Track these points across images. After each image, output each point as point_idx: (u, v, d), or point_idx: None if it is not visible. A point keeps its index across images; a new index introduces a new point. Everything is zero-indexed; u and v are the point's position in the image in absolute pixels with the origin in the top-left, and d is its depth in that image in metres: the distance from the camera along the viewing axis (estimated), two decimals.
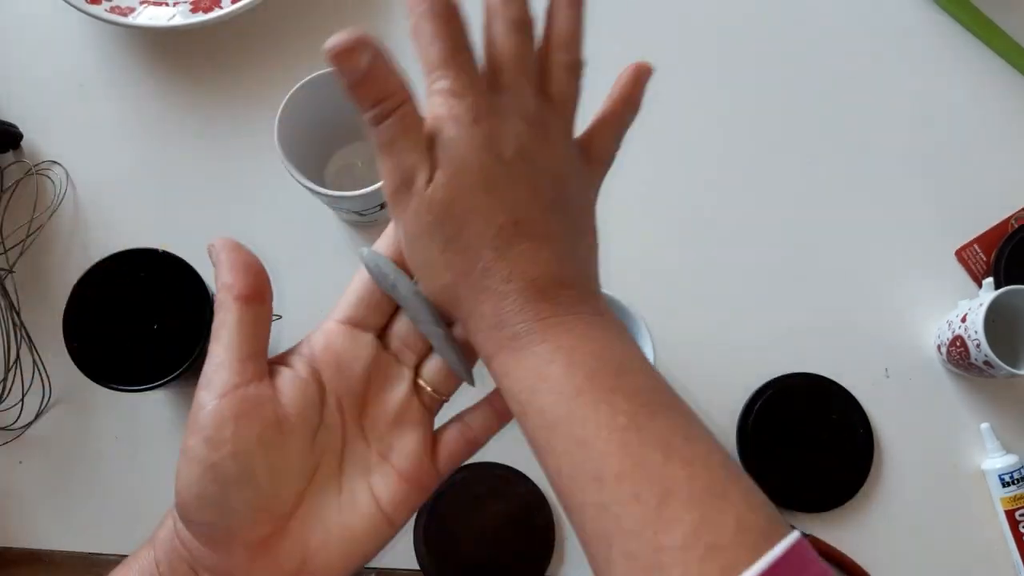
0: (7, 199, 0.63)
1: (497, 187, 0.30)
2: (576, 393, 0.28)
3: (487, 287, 0.30)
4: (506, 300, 0.30)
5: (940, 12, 0.68)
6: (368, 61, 0.29)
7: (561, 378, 0.28)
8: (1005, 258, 0.61)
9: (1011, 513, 0.58)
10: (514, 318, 0.30)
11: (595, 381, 0.28)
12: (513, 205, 0.30)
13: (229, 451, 0.29)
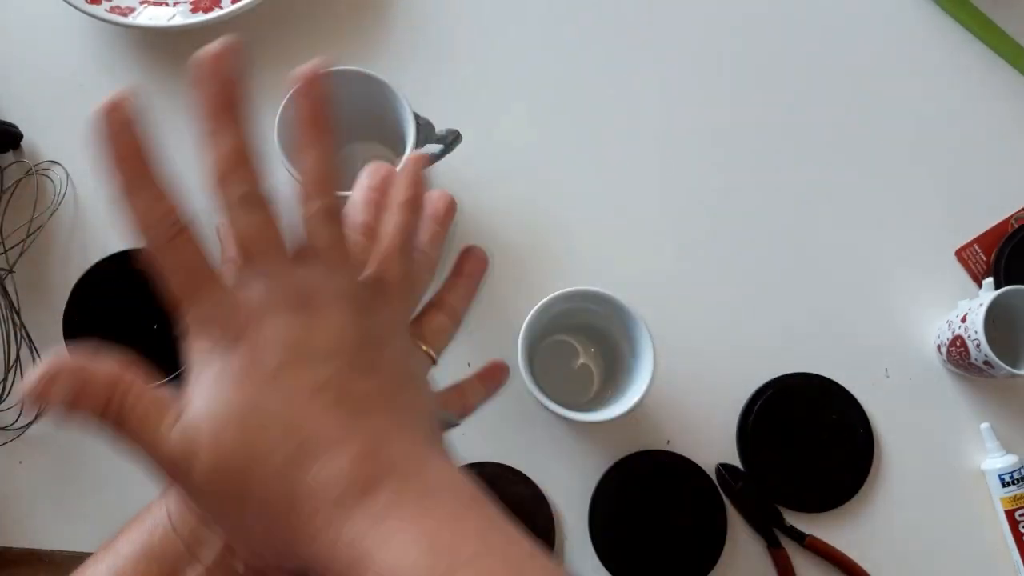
0: (7, 199, 0.63)
1: (269, 410, 0.26)
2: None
3: (288, 499, 0.26)
4: (321, 533, 0.26)
5: (940, 12, 0.68)
6: (69, 380, 0.27)
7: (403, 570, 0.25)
8: (1005, 258, 0.61)
9: (1011, 513, 0.58)
10: (335, 550, 0.26)
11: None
12: (291, 427, 0.26)
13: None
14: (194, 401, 0.27)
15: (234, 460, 0.26)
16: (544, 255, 0.62)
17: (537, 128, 0.65)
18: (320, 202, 0.30)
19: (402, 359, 0.32)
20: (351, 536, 0.25)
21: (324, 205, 0.30)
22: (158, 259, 0.28)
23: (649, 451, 0.58)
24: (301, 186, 0.30)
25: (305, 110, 0.30)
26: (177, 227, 0.28)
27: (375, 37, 0.67)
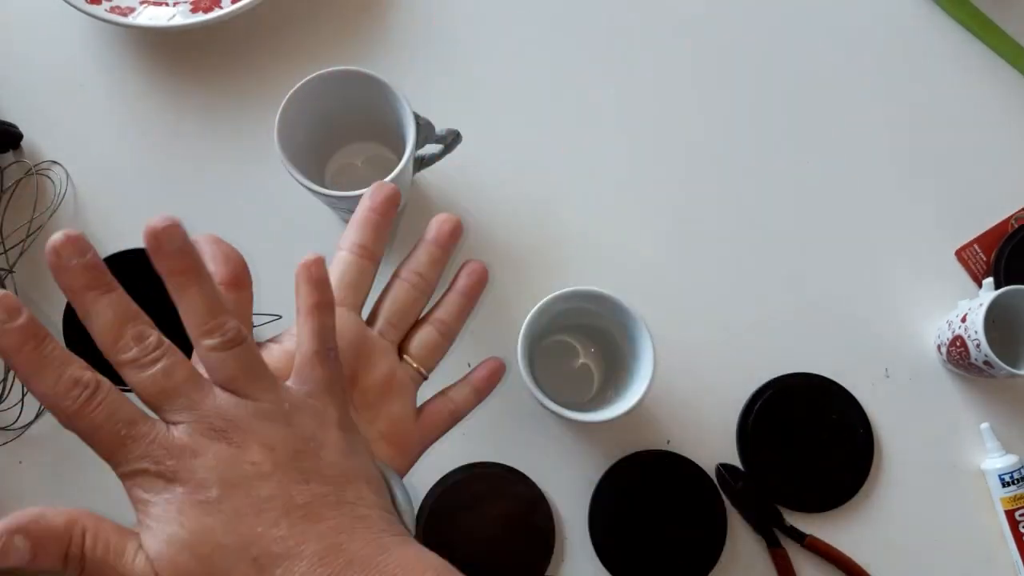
0: (7, 199, 0.63)
1: (214, 544, 0.28)
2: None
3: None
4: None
5: (940, 12, 0.68)
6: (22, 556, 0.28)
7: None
8: (1005, 258, 0.61)
9: (1011, 513, 0.58)
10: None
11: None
12: (240, 549, 0.28)
13: None
14: (148, 535, 0.28)
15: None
16: (544, 255, 0.62)
17: (537, 128, 0.65)
18: (212, 340, 0.30)
19: (342, 455, 0.31)
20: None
21: (218, 341, 0.30)
22: (75, 429, 0.29)
23: (649, 451, 0.58)
24: (189, 329, 0.30)
25: (161, 266, 0.30)
26: (86, 393, 0.28)
27: (375, 37, 0.67)
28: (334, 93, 0.54)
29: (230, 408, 0.29)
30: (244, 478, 0.28)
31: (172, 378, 0.29)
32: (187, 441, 0.29)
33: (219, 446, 0.29)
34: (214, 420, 0.29)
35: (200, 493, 0.28)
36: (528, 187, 0.64)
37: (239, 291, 0.33)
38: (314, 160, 0.59)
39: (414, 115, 0.52)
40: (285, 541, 0.28)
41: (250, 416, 0.30)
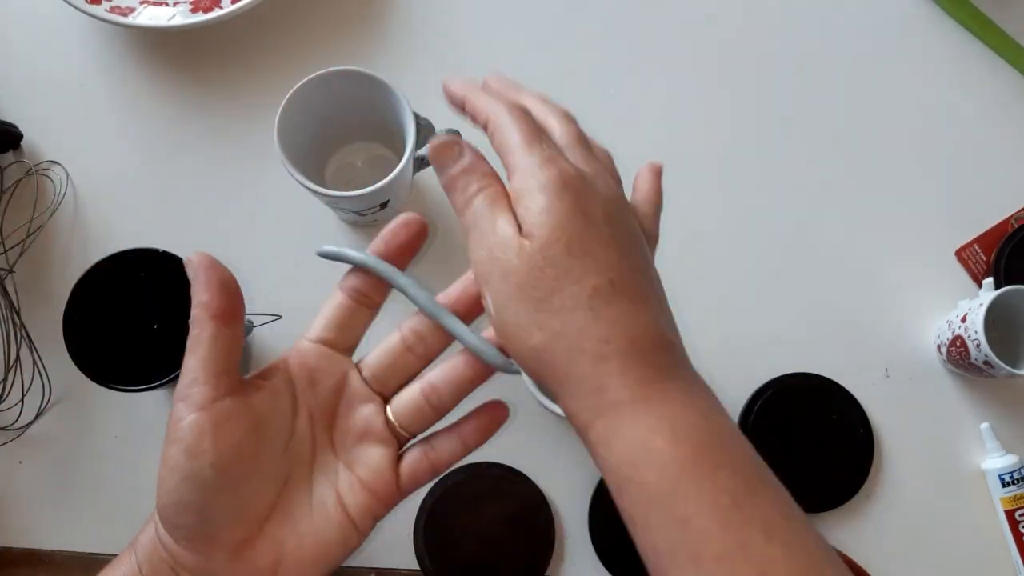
0: (7, 199, 0.63)
1: (590, 249, 0.30)
2: (681, 470, 0.28)
3: (584, 348, 0.29)
4: (606, 362, 0.29)
5: (940, 11, 0.68)
6: (467, 154, 0.33)
7: (666, 452, 0.28)
8: (1005, 258, 0.61)
9: (1011, 513, 0.58)
10: (615, 381, 0.29)
11: (700, 456, 0.28)
12: (607, 265, 0.30)
13: (208, 460, 0.30)
14: (533, 206, 0.31)
15: (552, 263, 0.30)
16: None
17: None
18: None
19: (658, 277, 0.35)
20: (636, 376, 0.29)
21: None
22: (509, 115, 0.34)
23: None
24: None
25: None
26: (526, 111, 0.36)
27: (375, 37, 0.67)
28: (334, 93, 0.54)
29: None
30: (622, 223, 0.32)
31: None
32: (587, 171, 0.33)
33: (611, 191, 0.33)
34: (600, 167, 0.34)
35: (589, 208, 0.31)
36: None
37: (232, 325, 0.32)
38: (314, 160, 0.59)
39: (414, 115, 0.52)
40: (639, 287, 0.31)
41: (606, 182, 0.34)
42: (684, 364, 0.31)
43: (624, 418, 0.29)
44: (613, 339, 0.29)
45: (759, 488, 0.29)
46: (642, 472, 0.28)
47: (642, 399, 0.29)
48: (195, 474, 0.30)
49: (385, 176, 0.51)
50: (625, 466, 0.29)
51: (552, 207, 0.30)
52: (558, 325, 0.29)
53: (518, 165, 0.32)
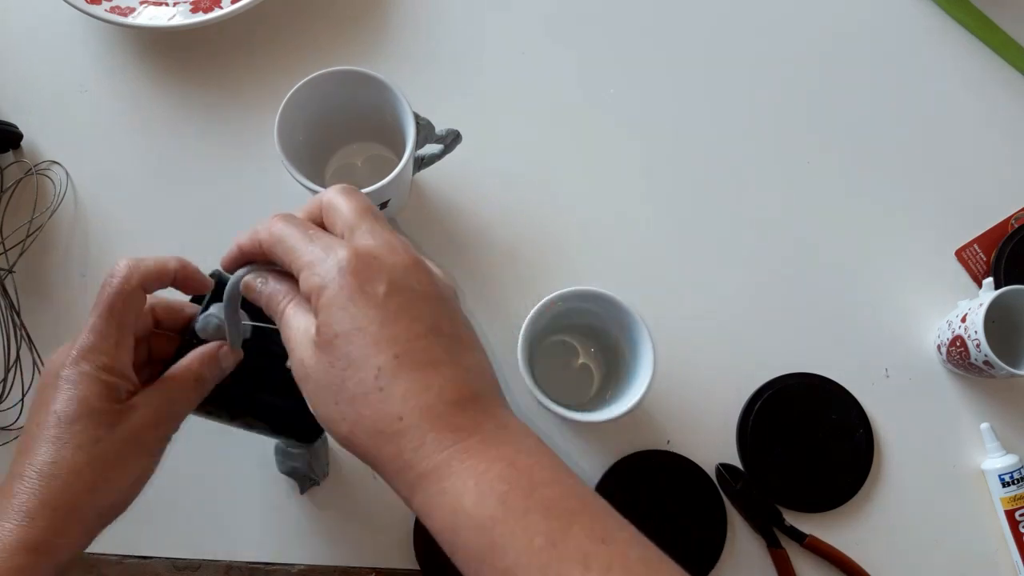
0: (7, 199, 0.63)
1: (370, 332, 0.30)
2: (493, 524, 0.28)
3: (382, 430, 0.30)
4: (403, 438, 0.30)
5: (940, 11, 0.68)
6: (268, 280, 0.35)
7: (475, 510, 0.29)
8: (1005, 258, 0.61)
9: (1011, 513, 0.58)
10: (416, 455, 0.30)
11: (508, 505, 0.29)
12: (389, 342, 0.30)
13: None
14: (320, 303, 0.32)
15: (336, 353, 0.31)
16: (544, 255, 0.62)
17: (537, 128, 0.65)
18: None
19: (466, 323, 0.35)
20: (434, 445, 0.30)
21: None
22: (279, 221, 0.35)
23: (649, 451, 0.58)
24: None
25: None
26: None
27: (375, 37, 0.67)
28: (334, 93, 0.54)
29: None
30: (410, 289, 0.32)
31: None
32: (372, 246, 0.32)
33: (397, 258, 0.32)
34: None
35: (369, 287, 0.31)
36: (528, 187, 0.64)
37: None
38: (314, 160, 0.59)
39: (414, 115, 0.52)
40: (428, 352, 0.31)
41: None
42: (492, 411, 0.32)
43: (432, 488, 0.30)
44: (405, 414, 0.30)
45: (574, 519, 0.29)
46: (462, 536, 0.29)
47: (444, 464, 0.29)
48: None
49: (385, 176, 0.51)
50: (447, 532, 0.30)
51: (333, 300, 0.31)
52: (354, 414, 0.30)
53: (300, 266, 0.33)
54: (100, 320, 0.37)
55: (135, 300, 0.38)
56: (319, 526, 0.58)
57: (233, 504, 0.58)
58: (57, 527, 0.36)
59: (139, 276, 0.38)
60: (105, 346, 0.37)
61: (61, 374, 0.37)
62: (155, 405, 0.39)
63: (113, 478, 0.37)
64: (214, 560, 0.58)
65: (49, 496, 0.35)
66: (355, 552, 0.58)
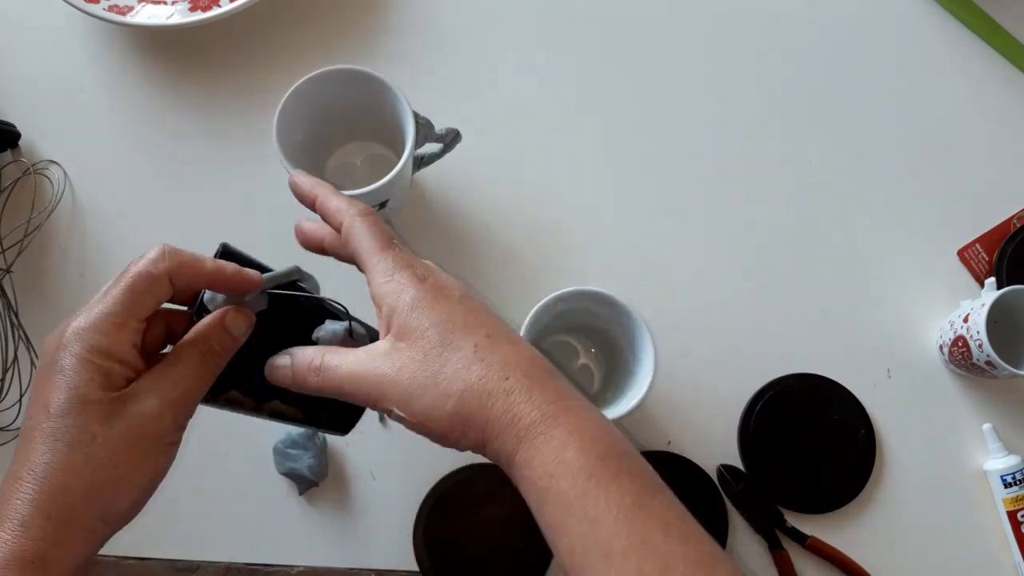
0: (5, 199, 0.63)
1: (459, 320, 0.35)
2: (590, 475, 0.31)
3: (490, 391, 0.33)
4: (512, 394, 0.33)
5: (941, 10, 0.67)
6: (289, 360, 0.37)
7: (576, 462, 0.32)
8: (1007, 258, 0.61)
9: (1013, 514, 0.58)
10: (525, 407, 0.33)
11: (606, 463, 0.32)
12: (478, 325, 0.35)
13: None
14: (400, 306, 0.35)
15: (434, 347, 0.34)
16: (544, 255, 0.62)
17: (537, 128, 0.65)
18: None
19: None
20: (541, 397, 0.33)
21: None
22: (363, 221, 0.38)
23: (649, 451, 0.58)
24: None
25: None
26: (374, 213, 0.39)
27: (375, 37, 0.67)
28: (334, 92, 0.54)
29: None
30: (473, 298, 0.37)
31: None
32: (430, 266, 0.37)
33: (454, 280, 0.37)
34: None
35: (445, 292, 0.36)
36: (528, 187, 0.63)
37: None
38: (313, 159, 0.59)
39: (414, 114, 0.52)
40: (510, 333, 0.36)
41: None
42: (572, 386, 0.35)
43: (539, 437, 0.32)
44: (510, 373, 0.33)
45: (655, 491, 0.32)
46: (558, 482, 0.32)
47: (551, 415, 0.33)
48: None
49: (384, 175, 0.51)
50: (544, 478, 0.32)
51: (416, 303, 0.35)
52: (461, 384, 0.33)
53: (376, 269, 0.36)
54: (111, 298, 0.34)
55: (158, 287, 0.34)
56: (319, 526, 0.58)
57: (233, 505, 0.58)
58: (55, 537, 0.32)
59: (170, 263, 0.34)
60: (103, 324, 0.33)
61: (54, 358, 0.33)
62: (159, 390, 0.34)
63: (117, 479, 0.33)
64: (213, 561, 0.57)
65: (44, 502, 0.32)
66: (355, 553, 0.57)
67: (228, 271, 0.36)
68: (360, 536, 0.58)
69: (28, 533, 0.31)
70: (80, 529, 0.33)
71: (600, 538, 0.30)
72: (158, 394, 0.34)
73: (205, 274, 0.35)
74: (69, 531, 0.32)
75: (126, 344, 0.34)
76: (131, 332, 0.34)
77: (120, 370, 0.34)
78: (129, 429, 0.33)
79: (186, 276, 0.35)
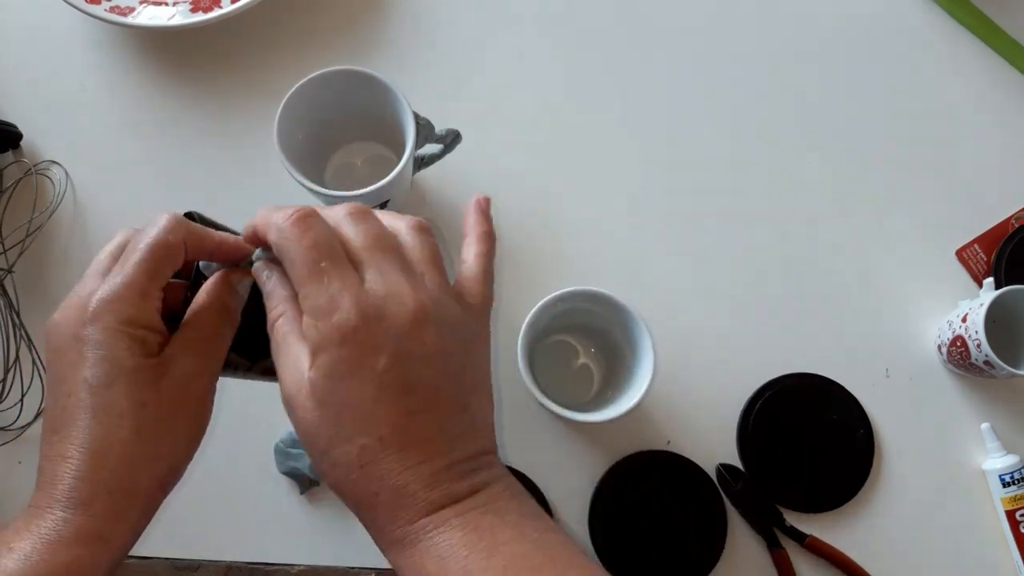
0: (7, 199, 0.63)
1: (361, 409, 0.31)
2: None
3: (359, 500, 0.32)
4: (377, 511, 0.31)
5: (940, 11, 0.68)
6: (272, 276, 0.34)
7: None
8: (1006, 258, 0.61)
9: (1011, 513, 0.58)
10: (388, 525, 0.31)
11: (468, 571, 0.30)
12: (378, 423, 0.31)
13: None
14: (317, 363, 0.31)
15: (322, 426, 0.31)
16: (544, 255, 0.62)
17: (537, 128, 0.65)
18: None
19: (480, 364, 0.35)
20: (405, 518, 0.31)
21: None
22: (292, 242, 0.32)
23: (649, 451, 0.58)
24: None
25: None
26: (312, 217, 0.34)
27: (375, 37, 0.67)
28: (334, 93, 0.54)
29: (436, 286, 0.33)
30: (411, 356, 0.31)
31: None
32: (378, 298, 0.31)
33: (403, 313, 0.31)
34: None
35: (369, 359, 0.31)
36: (528, 187, 0.64)
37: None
38: (314, 160, 0.59)
39: (414, 115, 0.52)
40: (414, 430, 0.31)
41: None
42: (472, 473, 0.32)
43: (402, 553, 0.31)
44: (381, 491, 0.31)
45: (536, 573, 0.30)
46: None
47: (412, 535, 0.31)
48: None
49: (385, 176, 0.51)
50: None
51: (331, 371, 0.31)
52: (337, 477, 0.32)
53: (304, 302, 0.31)
54: (133, 268, 0.33)
55: (176, 254, 0.34)
56: (319, 526, 0.58)
57: (233, 504, 0.58)
58: (117, 511, 0.32)
59: (186, 231, 0.34)
60: (130, 295, 0.33)
61: (81, 335, 0.32)
62: (194, 351, 0.34)
63: (169, 442, 0.34)
64: (214, 560, 0.58)
65: (102, 477, 0.32)
66: (355, 552, 0.58)
67: (230, 241, 0.36)
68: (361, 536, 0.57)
69: (90, 510, 0.32)
70: (141, 499, 0.33)
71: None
72: (194, 353, 0.34)
73: (213, 243, 0.36)
74: (131, 504, 0.33)
75: (152, 312, 0.34)
76: (155, 300, 0.34)
77: (153, 337, 0.33)
78: (175, 390, 0.33)
79: (195, 245, 0.35)
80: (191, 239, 0.35)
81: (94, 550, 0.31)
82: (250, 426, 0.58)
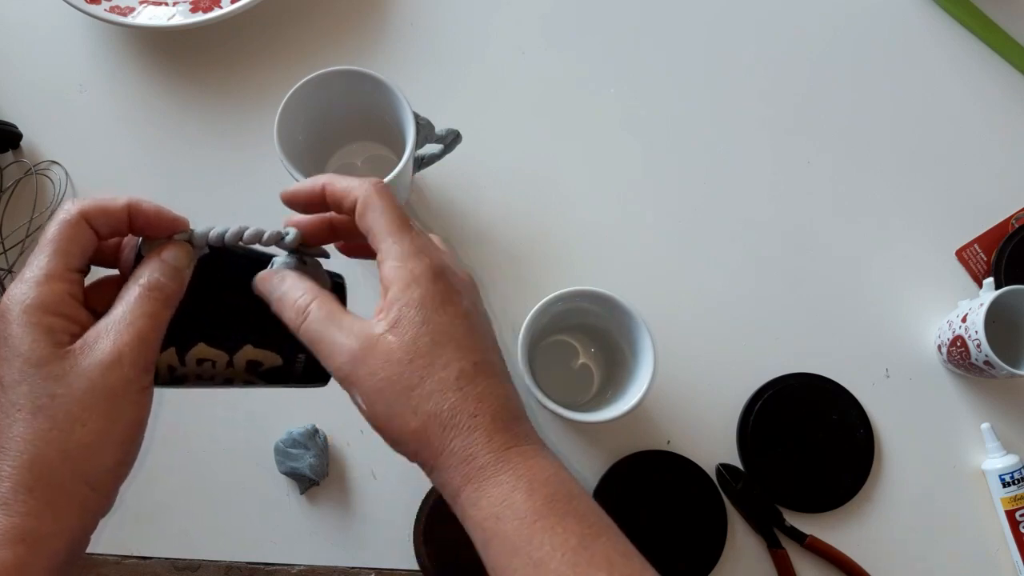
0: (7, 199, 0.63)
1: (454, 337, 0.33)
2: (536, 518, 0.32)
3: (456, 424, 0.33)
4: (474, 434, 0.33)
5: (940, 12, 0.68)
6: (288, 273, 0.36)
7: (523, 505, 0.32)
8: (1005, 258, 0.61)
9: (1011, 513, 0.58)
10: (482, 449, 0.33)
11: (552, 506, 0.32)
12: (469, 350, 0.34)
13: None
14: (404, 298, 0.34)
15: (421, 355, 0.33)
16: (544, 255, 0.62)
17: (537, 128, 0.65)
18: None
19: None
20: (500, 443, 0.33)
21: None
22: (380, 198, 0.35)
23: (649, 451, 0.58)
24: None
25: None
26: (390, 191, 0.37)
27: (375, 37, 0.67)
28: (334, 93, 0.54)
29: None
30: (479, 309, 0.36)
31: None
32: (448, 256, 0.36)
33: (465, 277, 0.36)
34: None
35: (456, 298, 0.34)
36: (528, 187, 0.64)
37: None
38: (314, 160, 0.59)
39: (414, 115, 0.52)
40: (496, 366, 0.35)
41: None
42: (533, 432, 0.36)
43: (489, 479, 0.33)
44: (480, 413, 0.33)
45: (601, 531, 0.33)
46: (504, 524, 0.32)
47: (504, 460, 0.33)
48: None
49: (385, 176, 0.51)
50: (490, 520, 0.32)
51: (423, 301, 0.33)
52: (432, 407, 0.33)
53: (390, 251, 0.34)
54: (35, 257, 0.33)
55: (78, 231, 0.33)
56: (319, 526, 0.58)
57: (233, 504, 0.58)
58: (41, 511, 0.30)
59: (82, 206, 0.33)
60: (33, 280, 0.32)
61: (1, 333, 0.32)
62: (109, 336, 0.32)
63: (90, 437, 0.31)
64: (214, 560, 0.58)
65: (22, 475, 0.30)
66: (355, 552, 0.58)
67: (145, 207, 0.34)
68: (360, 535, 0.58)
69: (11, 510, 0.30)
70: (66, 498, 0.31)
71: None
72: (109, 339, 0.32)
73: (118, 209, 0.34)
74: (55, 502, 0.31)
75: (62, 295, 0.32)
76: (66, 283, 0.32)
77: (62, 324, 0.32)
78: (88, 381, 0.31)
79: (100, 214, 0.33)
80: (94, 209, 0.33)
81: (26, 550, 0.30)
82: (250, 426, 0.58)
